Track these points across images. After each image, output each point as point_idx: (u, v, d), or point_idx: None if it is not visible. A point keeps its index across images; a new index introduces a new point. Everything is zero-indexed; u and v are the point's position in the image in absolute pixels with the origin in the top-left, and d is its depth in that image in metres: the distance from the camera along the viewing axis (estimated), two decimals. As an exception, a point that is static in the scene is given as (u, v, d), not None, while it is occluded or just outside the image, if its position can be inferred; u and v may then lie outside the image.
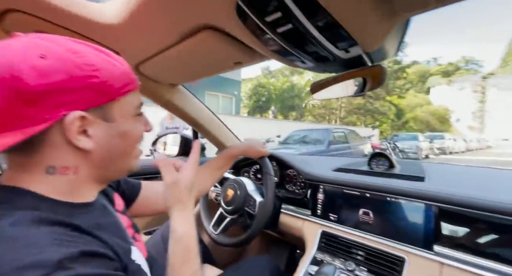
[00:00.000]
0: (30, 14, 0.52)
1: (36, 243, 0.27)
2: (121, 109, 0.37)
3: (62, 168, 0.34)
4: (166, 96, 0.95)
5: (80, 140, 0.33)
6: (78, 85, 0.31)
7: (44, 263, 0.25)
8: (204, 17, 0.50)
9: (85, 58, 0.32)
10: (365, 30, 0.45)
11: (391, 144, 7.33)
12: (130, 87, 0.37)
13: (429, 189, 0.67)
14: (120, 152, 0.39)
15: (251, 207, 0.87)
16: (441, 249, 0.61)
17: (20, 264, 0.25)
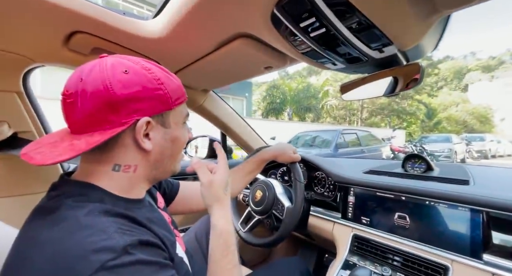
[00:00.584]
0: (91, 34, 0.60)
1: (105, 230, 0.32)
2: (175, 117, 0.43)
3: (126, 166, 0.39)
4: (199, 102, 1.01)
5: (144, 141, 0.39)
6: (149, 95, 0.37)
7: (113, 248, 0.30)
8: (240, 26, 0.54)
9: (154, 74, 0.38)
10: (402, 30, 0.44)
11: (417, 146, 6.66)
12: (182, 99, 0.43)
13: (476, 193, 0.62)
14: (170, 154, 0.44)
15: (278, 211, 0.88)
16: (492, 258, 0.56)
17: (97, 247, 0.30)
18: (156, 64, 0.41)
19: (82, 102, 0.34)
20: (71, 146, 0.35)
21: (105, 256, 0.29)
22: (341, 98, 0.73)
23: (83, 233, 0.31)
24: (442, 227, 0.66)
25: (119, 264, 0.29)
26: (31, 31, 0.58)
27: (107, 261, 0.29)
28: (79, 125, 0.36)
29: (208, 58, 0.69)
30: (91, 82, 0.34)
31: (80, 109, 0.34)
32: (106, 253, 0.29)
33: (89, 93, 0.34)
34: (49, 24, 0.56)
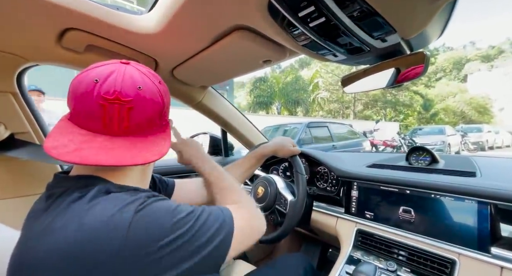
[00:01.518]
0: (84, 31, 0.58)
1: (120, 197, 0.35)
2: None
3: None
4: (197, 99, 1.00)
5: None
6: (169, 101, 0.45)
7: (136, 199, 0.35)
8: (237, 18, 0.52)
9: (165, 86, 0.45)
10: (406, 16, 0.42)
11: (406, 139, 6.25)
12: None
13: (484, 185, 0.60)
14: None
15: (282, 206, 0.87)
16: (500, 251, 0.55)
17: (122, 205, 0.34)
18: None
19: (141, 108, 0.38)
20: (148, 149, 0.39)
21: (134, 206, 0.34)
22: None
23: (101, 205, 0.34)
24: (449, 220, 0.64)
25: (148, 203, 0.35)
26: (22, 29, 0.56)
27: (137, 206, 0.34)
28: (134, 129, 0.38)
29: (205, 53, 0.67)
30: (149, 90, 0.38)
31: (137, 114, 0.38)
32: (133, 204, 0.34)
33: (149, 100, 0.38)
34: (40, 21, 0.55)
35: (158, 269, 0.32)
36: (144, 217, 0.33)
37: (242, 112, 1.21)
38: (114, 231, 0.31)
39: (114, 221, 0.32)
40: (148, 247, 0.32)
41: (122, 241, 0.31)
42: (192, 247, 0.35)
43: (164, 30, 0.58)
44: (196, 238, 0.36)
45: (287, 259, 0.81)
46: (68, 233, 0.31)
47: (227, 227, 0.40)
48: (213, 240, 0.38)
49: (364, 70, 0.64)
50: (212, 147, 1.42)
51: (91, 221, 0.32)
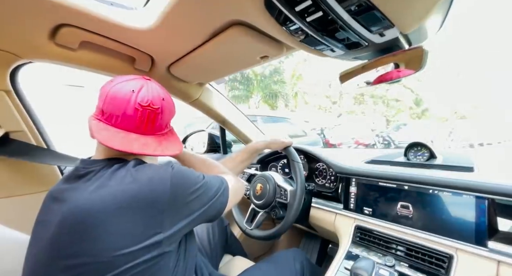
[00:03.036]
0: (78, 27, 0.57)
1: (153, 164, 0.49)
2: None
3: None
4: (195, 96, 0.99)
5: None
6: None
7: (167, 162, 0.50)
8: (233, 13, 0.51)
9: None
10: (404, 9, 0.42)
11: (383, 137, 5.79)
12: None
13: (481, 180, 0.60)
14: None
15: (282, 197, 0.87)
16: (498, 246, 0.56)
17: (162, 166, 0.47)
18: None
19: (164, 114, 0.50)
20: (169, 144, 0.52)
21: (168, 167, 0.47)
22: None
23: (144, 168, 0.45)
24: (446, 216, 0.65)
25: (176, 167, 0.48)
26: (14, 25, 0.55)
27: (171, 167, 0.47)
28: (154, 129, 0.50)
29: (201, 49, 0.66)
30: (168, 102, 0.52)
31: (163, 118, 0.50)
32: (167, 167, 0.47)
33: (168, 109, 0.51)
34: (32, 17, 0.53)
35: (188, 210, 0.47)
36: (178, 172, 0.47)
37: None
38: (162, 180, 0.43)
39: (160, 174, 0.44)
40: (184, 192, 0.46)
41: (168, 187, 0.43)
42: (207, 196, 0.50)
43: (160, 25, 0.57)
44: (208, 190, 0.51)
45: (284, 254, 0.82)
46: (123, 185, 0.41)
47: (225, 184, 0.57)
48: (218, 192, 0.53)
49: (363, 66, 0.64)
50: (210, 144, 1.42)
51: (141, 176, 0.43)
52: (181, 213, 0.45)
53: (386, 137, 6.11)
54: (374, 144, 5.88)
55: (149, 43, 0.67)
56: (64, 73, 5.77)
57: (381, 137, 6.08)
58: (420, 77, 22.70)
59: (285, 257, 0.81)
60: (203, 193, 0.49)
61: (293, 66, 15.50)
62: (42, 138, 0.79)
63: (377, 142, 5.91)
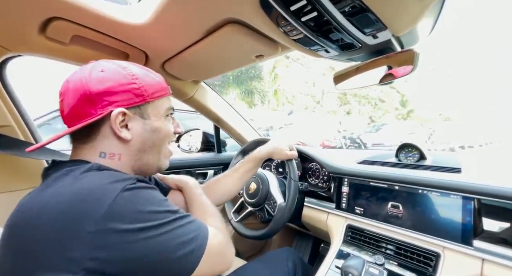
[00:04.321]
0: (69, 21, 0.56)
1: (113, 173, 0.38)
2: (154, 110, 0.45)
3: (110, 154, 0.43)
4: (189, 93, 0.98)
5: (122, 131, 0.42)
6: (122, 89, 0.41)
7: (128, 178, 0.37)
8: (228, 11, 0.51)
9: (129, 70, 0.43)
10: (396, 13, 0.42)
11: (352, 139, 5.34)
12: (162, 93, 0.46)
13: (468, 181, 0.62)
14: (151, 145, 0.46)
15: (271, 207, 0.87)
16: (482, 245, 0.57)
17: (113, 180, 0.36)
18: (138, 65, 0.46)
19: (67, 99, 0.40)
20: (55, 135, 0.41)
21: (123, 183, 0.35)
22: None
23: (93, 177, 0.36)
24: (435, 215, 0.66)
25: (136, 187, 0.36)
26: (3, 17, 0.53)
27: (125, 185, 0.35)
28: (68, 119, 0.41)
29: (196, 47, 0.66)
30: (73, 81, 0.40)
31: (66, 105, 0.40)
32: (122, 182, 0.36)
33: (71, 91, 0.40)
34: (23, 9, 0.52)
35: (119, 252, 0.32)
36: (129, 197, 0.35)
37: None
38: (99, 201, 0.32)
39: (102, 191, 0.34)
40: (126, 224, 0.33)
41: (103, 212, 0.32)
42: (165, 245, 0.35)
43: (154, 21, 0.56)
44: (172, 236, 0.36)
45: (276, 253, 0.82)
46: (58, 195, 0.34)
47: (202, 241, 0.40)
48: (184, 247, 0.37)
49: (356, 67, 0.65)
50: (204, 143, 1.41)
51: (79, 185, 0.34)
52: (105, 252, 0.31)
53: (356, 139, 5.72)
54: (341, 147, 5.42)
55: (143, 39, 0.66)
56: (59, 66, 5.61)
57: (348, 139, 5.66)
58: (406, 78, 22.57)
59: (278, 256, 0.81)
60: (160, 237, 0.35)
61: (272, 62, 14.00)
62: (30, 133, 0.77)
63: (343, 144, 5.50)
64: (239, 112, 1.22)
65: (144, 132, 0.45)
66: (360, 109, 18.76)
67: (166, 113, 0.48)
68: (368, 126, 9.13)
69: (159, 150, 0.48)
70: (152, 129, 0.45)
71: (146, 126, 0.45)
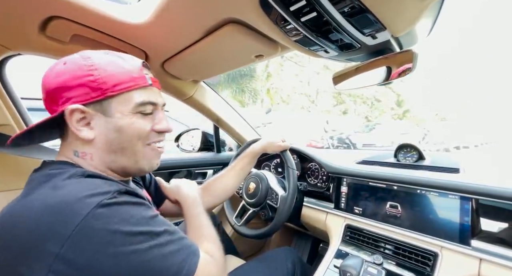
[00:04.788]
0: (70, 20, 0.56)
1: (94, 183, 0.35)
2: (119, 105, 0.39)
3: (82, 153, 0.40)
4: (189, 93, 0.98)
5: (81, 130, 0.38)
6: (78, 82, 0.36)
7: (106, 192, 0.33)
8: (228, 10, 0.51)
9: (89, 60, 0.37)
10: (395, 14, 0.43)
11: (342, 140, 5.17)
12: (129, 84, 0.39)
13: (466, 181, 0.63)
14: (118, 146, 0.40)
15: (273, 201, 0.88)
16: (480, 244, 0.58)
17: (90, 193, 0.32)
18: (111, 52, 0.41)
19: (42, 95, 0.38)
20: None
21: (100, 198, 0.32)
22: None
23: (72, 187, 0.33)
24: (433, 215, 0.66)
25: (113, 203, 0.32)
26: (3, 15, 0.53)
27: (102, 200, 0.31)
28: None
29: (196, 46, 0.66)
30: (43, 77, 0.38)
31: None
32: (99, 196, 0.32)
33: (41, 86, 0.38)
34: (23, 8, 0.52)
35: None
36: (104, 214, 0.31)
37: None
38: (68, 218, 0.29)
39: (74, 207, 0.30)
40: (98, 248, 0.29)
41: (70, 232, 0.29)
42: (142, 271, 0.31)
43: (154, 20, 0.56)
44: (144, 266, 0.32)
45: (275, 252, 0.83)
46: (31, 209, 0.31)
47: (186, 274, 0.35)
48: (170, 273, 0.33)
49: (355, 68, 0.65)
50: (203, 143, 1.41)
51: (55, 200, 0.31)
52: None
53: (345, 139, 5.48)
54: (328, 147, 5.25)
55: (142, 39, 0.66)
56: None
57: (336, 139, 5.44)
58: (403, 78, 22.34)
59: (277, 255, 0.81)
60: (133, 265, 0.31)
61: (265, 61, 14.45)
62: None
63: (330, 145, 5.30)
64: (239, 112, 1.22)
65: (107, 131, 0.39)
66: (356, 108, 18.57)
67: (137, 110, 0.40)
68: (361, 126, 8.79)
69: (133, 152, 0.42)
70: (115, 129, 0.39)
71: (109, 125, 0.39)
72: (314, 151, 1.07)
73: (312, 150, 1.08)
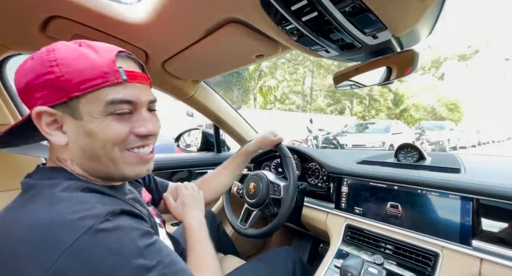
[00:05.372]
0: (70, 19, 0.56)
1: (87, 201, 0.32)
2: (88, 106, 0.33)
3: (62, 159, 0.37)
4: (189, 93, 0.98)
5: (53, 135, 0.35)
6: (40, 81, 0.32)
7: (96, 215, 0.30)
8: (228, 10, 0.51)
9: (52, 54, 0.32)
10: (396, 13, 0.43)
11: (320, 141, 4.97)
12: (96, 82, 0.33)
13: (467, 181, 0.62)
14: (92, 153, 0.36)
15: (276, 193, 0.88)
16: (481, 244, 0.58)
17: (80, 216, 0.29)
18: (84, 42, 0.35)
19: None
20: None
21: (90, 222, 0.29)
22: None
23: (64, 204, 0.30)
24: (433, 215, 0.66)
25: (102, 229, 0.29)
26: (3, 15, 0.53)
27: (91, 226, 0.29)
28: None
29: (196, 46, 0.66)
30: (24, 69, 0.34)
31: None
32: (89, 220, 0.29)
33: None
34: (24, 7, 0.52)
35: None
36: (90, 244, 0.28)
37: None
38: (52, 246, 0.27)
39: (61, 233, 0.28)
40: None
41: (53, 262, 0.26)
42: None
43: (154, 20, 0.56)
44: None
45: (276, 252, 0.82)
46: (19, 229, 0.29)
47: None
48: None
49: (356, 68, 0.65)
50: (204, 143, 1.41)
51: (45, 222, 0.29)
52: None
53: (332, 140, 5.25)
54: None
55: (143, 38, 0.66)
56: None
57: (321, 140, 5.18)
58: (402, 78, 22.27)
59: (277, 255, 0.81)
60: None
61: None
62: None
63: (314, 145, 5.10)
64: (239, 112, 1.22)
65: (78, 136, 0.34)
66: (352, 108, 18.24)
67: (109, 110, 0.34)
68: (352, 126, 8.19)
69: (109, 158, 0.36)
70: (86, 133, 0.34)
71: (79, 129, 0.34)
72: (314, 151, 1.07)
73: (312, 150, 1.08)
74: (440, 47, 31.26)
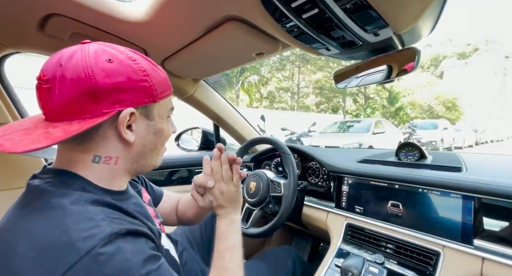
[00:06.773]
0: (68, 17, 0.56)
1: (93, 218, 0.32)
2: (159, 110, 0.42)
3: (106, 157, 0.38)
4: (189, 92, 0.98)
5: (127, 133, 0.38)
6: (133, 86, 0.36)
7: (100, 235, 0.30)
8: (228, 8, 0.51)
9: (140, 65, 0.37)
10: (398, 10, 0.42)
11: (294, 141, 4.56)
12: (168, 92, 0.43)
13: (468, 180, 0.62)
14: (152, 147, 0.43)
15: (276, 191, 0.88)
16: (482, 243, 0.57)
17: (84, 235, 0.30)
18: (142, 55, 0.40)
19: (60, 88, 0.33)
20: (46, 134, 0.33)
21: (92, 243, 0.29)
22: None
23: (71, 221, 0.31)
24: (435, 214, 0.66)
25: (103, 252, 0.29)
26: (1, 13, 0.53)
27: (93, 248, 0.29)
28: (56, 112, 0.34)
29: (196, 44, 0.65)
30: (71, 68, 0.33)
31: (58, 96, 0.33)
32: (92, 240, 0.30)
33: (69, 80, 0.32)
34: (21, 5, 0.51)
35: None
36: (90, 268, 0.28)
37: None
38: (53, 267, 0.28)
39: (62, 253, 0.28)
40: None
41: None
42: None
43: (153, 18, 0.56)
44: None
45: (275, 251, 0.82)
46: (27, 246, 0.30)
47: None
48: None
49: (357, 66, 0.64)
50: (204, 142, 1.40)
51: (50, 237, 0.29)
52: None
53: (295, 141, 4.85)
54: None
55: (142, 36, 0.66)
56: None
57: (293, 141, 4.80)
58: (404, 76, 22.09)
59: (277, 254, 0.81)
60: None
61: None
62: None
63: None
64: (238, 110, 1.21)
65: (147, 134, 0.41)
66: (345, 106, 17.60)
67: (169, 114, 0.45)
68: (331, 125, 7.49)
69: (158, 151, 0.46)
70: (155, 131, 0.42)
71: (149, 128, 0.41)
72: (314, 150, 1.07)
73: (313, 149, 1.08)
74: (440, 45, 31.18)
